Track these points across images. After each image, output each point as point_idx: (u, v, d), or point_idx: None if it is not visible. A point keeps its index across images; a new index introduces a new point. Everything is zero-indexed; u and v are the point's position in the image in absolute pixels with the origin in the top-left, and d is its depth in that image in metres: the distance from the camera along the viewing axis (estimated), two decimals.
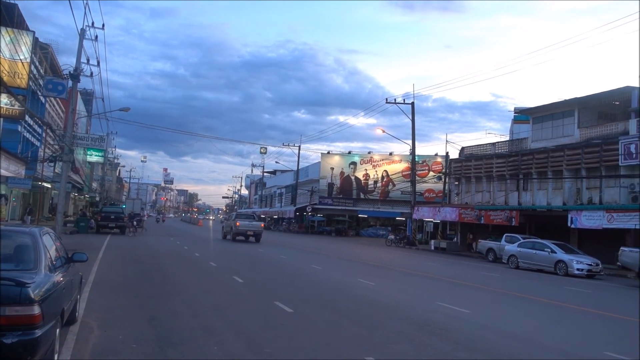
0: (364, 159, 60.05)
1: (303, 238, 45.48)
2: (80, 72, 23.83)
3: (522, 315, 10.56)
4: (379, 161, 59.19)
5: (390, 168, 57.91)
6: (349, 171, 60.15)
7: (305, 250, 28.42)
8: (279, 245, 31.05)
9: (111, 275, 12.98)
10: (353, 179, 59.97)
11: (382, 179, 58.53)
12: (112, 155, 67.73)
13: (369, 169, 59.18)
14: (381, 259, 24.66)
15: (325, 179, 60.66)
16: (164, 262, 16.94)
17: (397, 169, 56.38)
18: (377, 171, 58.94)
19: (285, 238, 43.58)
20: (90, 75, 27.72)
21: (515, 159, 32.77)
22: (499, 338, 7.93)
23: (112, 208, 39.78)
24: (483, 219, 31.73)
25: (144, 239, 29.80)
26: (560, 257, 21.53)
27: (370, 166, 59.24)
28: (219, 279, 13.29)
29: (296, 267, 17.87)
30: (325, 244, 35.68)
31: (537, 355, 7.04)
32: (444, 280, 16.46)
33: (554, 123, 31.80)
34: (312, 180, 63.58)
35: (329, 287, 12.83)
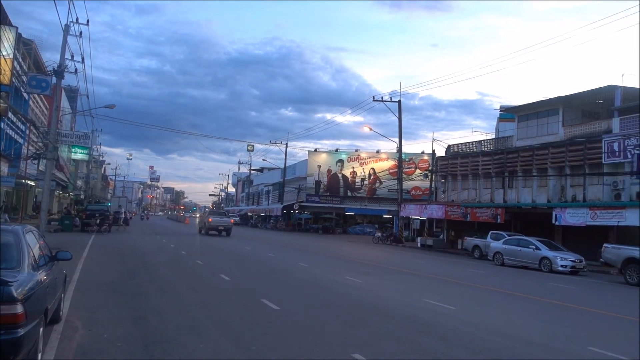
0: (351, 157, 60.15)
1: (290, 236, 45.45)
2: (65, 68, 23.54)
3: (507, 312, 10.66)
4: (366, 159, 59.31)
5: (377, 166, 58.06)
6: (336, 169, 60.21)
7: (292, 247, 28.40)
8: (266, 243, 31.00)
9: (96, 273, 12.85)
10: (340, 176, 60.03)
11: (369, 176, 58.66)
12: (97, 152, 67.05)
13: (356, 167, 59.29)
14: (368, 256, 24.72)
15: (313, 177, 60.63)
16: (150, 260, 16.81)
17: (384, 166, 56.55)
18: (364, 169, 59.06)
19: (273, 236, 43.51)
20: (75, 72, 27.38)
21: (500, 157, 33.03)
22: (485, 334, 7.99)
23: (97, 206, 39.42)
24: (469, 216, 31.95)
25: (130, 237, 29.56)
26: (544, 253, 21.75)
27: (358, 164, 59.35)
28: (206, 277, 13.23)
29: (283, 264, 17.84)
30: (312, 242, 35.67)
31: (522, 350, 7.12)
32: (430, 277, 16.55)
33: (539, 121, 32.10)
34: (299, 178, 63.53)
35: (315, 285, 12.83)
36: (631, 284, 17.86)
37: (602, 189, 26.60)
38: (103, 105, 32.71)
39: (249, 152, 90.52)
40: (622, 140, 25.16)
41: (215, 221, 35.91)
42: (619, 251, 19.16)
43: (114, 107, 31.68)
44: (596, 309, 11.80)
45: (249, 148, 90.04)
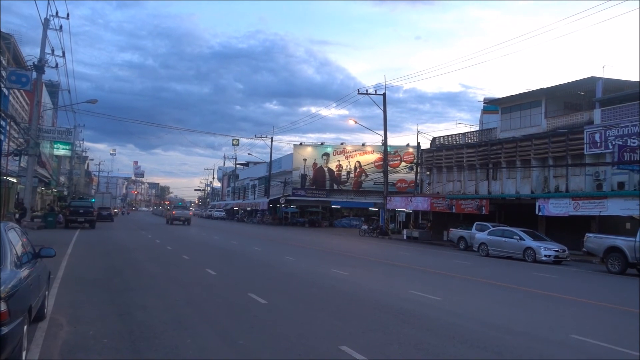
0: (336, 150, 60.22)
1: (276, 230, 45.44)
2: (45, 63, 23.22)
3: (491, 302, 10.79)
4: (352, 152, 59.43)
5: (362, 159, 58.21)
6: (322, 162, 60.24)
7: (279, 241, 28.40)
8: (252, 237, 30.96)
9: (80, 270, 12.74)
10: (326, 170, 60.09)
11: (354, 169, 58.80)
12: (80, 148, 66.23)
13: (342, 160, 59.39)
14: (354, 249, 24.83)
15: (298, 170, 60.63)
16: (135, 256, 16.72)
17: (369, 159, 56.72)
18: (349, 162, 59.18)
19: (259, 230, 43.47)
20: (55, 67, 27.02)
21: (484, 148, 33.29)
22: (470, 324, 8.09)
23: (81, 202, 39.02)
24: (454, 208, 32.19)
25: (114, 234, 29.33)
26: (528, 244, 22.02)
27: (343, 157, 59.44)
28: (192, 272, 13.19)
29: (269, 258, 17.85)
30: (298, 235, 35.71)
31: (506, 339, 7.22)
32: (416, 269, 16.68)
33: (522, 113, 32.40)
34: (285, 172, 63.48)
35: (302, 278, 12.87)
36: (613, 273, 18.19)
37: (584, 180, 26.97)
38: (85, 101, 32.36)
39: (234, 146, 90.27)
40: (603, 131, 25.51)
41: (178, 214, 47.32)
42: (600, 240, 19.47)
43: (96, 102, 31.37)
44: (579, 297, 12.01)
45: (234, 142, 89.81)
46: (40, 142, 28.05)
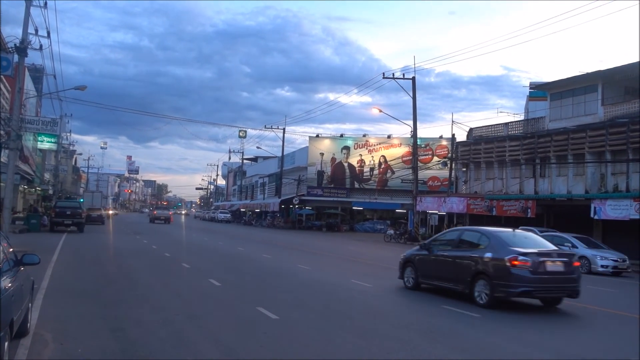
0: (358, 143, 60.15)
1: (289, 234, 45.59)
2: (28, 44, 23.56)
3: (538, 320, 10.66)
4: (376, 145, 59.30)
5: (388, 153, 58.04)
6: (341, 157, 60.22)
7: (292, 248, 28.48)
8: (262, 243, 31.11)
9: (68, 279, 12.93)
10: (346, 165, 60.06)
11: (379, 165, 58.67)
12: (66, 141, 67.09)
13: (364, 155, 59.31)
14: (379, 257, 24.80)
15: (314, 166, 60.68)
16: (129, 264, 16.92)
17: (396, 153, 56.53)
18: (373, 157, 59.08)
19: (269, 234, 43.65)
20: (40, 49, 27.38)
21: (530, 141, 32.98)
22: (511, 344, 8.01)
23: (68, 202, 39.51)
24: (495, 210, 31.96)
25: (106, 238, 29.71)
26: (582, 252, 21.77)
27: (366, 151, 59.36)
28: (193, 283, 13.30)
29: (281, 267, 17.92)
30: (314, 241, 35.79)
31: None
32: None
33: (575, 100, 32.01)
34: (299, 168, 63.58)
35: (319, 290, 12.90)
36: None
37: None
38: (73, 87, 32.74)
39: (241, 138, 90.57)
40: None
41: (159, 213, 63.18)
42: None
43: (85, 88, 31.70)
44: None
45: (241, 134, 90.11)
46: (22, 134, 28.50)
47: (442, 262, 12.55)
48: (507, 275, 10.80)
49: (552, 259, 11.27)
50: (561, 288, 11.36)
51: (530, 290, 10.95)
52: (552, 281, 11.14)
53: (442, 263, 12.57)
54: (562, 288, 11.37)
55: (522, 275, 10.74)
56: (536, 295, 11.43)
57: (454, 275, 12.04)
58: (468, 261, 11.73)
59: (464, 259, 11.88)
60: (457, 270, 11.97)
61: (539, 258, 10.99)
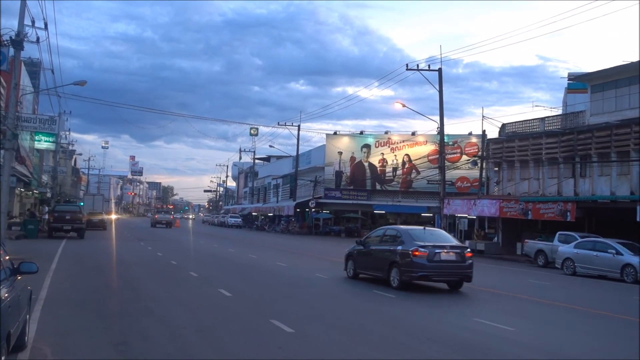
0: (379, 141, 60.06)
1: (305, 240, 45.64)
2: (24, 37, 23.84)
3: (578, 333, 10.58)
4: (399, 143, 59.15)
5: (412, 151, 57.85)
6: (362, 156, 60.16)
7: (308, 255, 28.54)
8: (276, 250, 31.19)
9: (68, 289, 13.09)
10: (366, 165, 59.99)
11: (402, 165, 58.52)
12: (65, 140, 67.80)
13: (387, 153, 59.17)
14: None
15: (332, 166, 60.69)
16: (133, 273, 17.06)
17: (421, 152, 56.31)
18: (396, 155, 58.94)
19: (284, 240, 43.73)
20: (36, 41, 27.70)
21: (569, 137, 32.68)
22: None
23: (67, 206, 39.96)
24: (530, 213, 31.72)
25: (107, 244, 29.97)
26: (627, 260, 21.51)
27: (388, 149, 59.23)
28: (202, 293, 13.37)
29: (297, 276, 17.95)
30: (333, 247, 35.75)
31: None
32: (482, 290, 16.50)
33: (618, 92, 31.66)
34: (315, 168, 63.65)
35: (338, 301, 12.94)
36: None
37: None
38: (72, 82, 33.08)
39: (252, 136, 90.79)
40: None
41: (160, 217, 66.44)
42: None
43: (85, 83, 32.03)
44: None
45: (252, 132, 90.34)
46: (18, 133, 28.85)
47: (371, 255, 16.53)
48: (410, 263, 14.68)
49: (446, 250, 14.98)
50: (454, 273, 15.26)
51: (427, 274, 14.85)
52: (445, 267, 15.00)
53: (371, 256, 16.56)
54: (455, 273, 15.27)
55: (421, 263, 14.57)
56: (432, 278, 15.26)
57: (378, 265, 15.96)
58: (387, 253, 15.67)
59: (385, 252, 15.84)
60: (380, 261, 15.89)
61: (435, 249, 14.74)
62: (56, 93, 43.91)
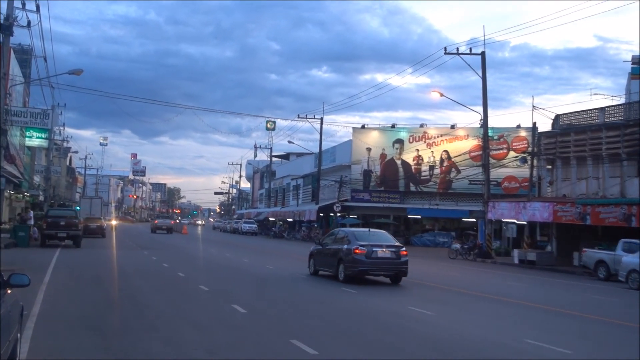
0: (414, 135, 59.84)
1: None
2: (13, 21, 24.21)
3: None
4: (436, 137, 58.91)
5: (452, 147, 57.59)
6: (393, 153, 60.01)
7: None
8: (297, 260, 31.15)
9: (63, 304, 13.24)
10: (399, 163, 59.84)
11: (440, 162, 58.26)
12: (59, 136, 68.55)
13: (422, 149, 58.95)
14: (442, 277, 24.62)
15: (360, 165, 60.63)
16: (136, 285, 17.23)
17: (462, 147, 56.02)
18: (433, 152, 58.71)
19: (305, 250, 43.58)
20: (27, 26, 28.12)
21: (634, 130, 32.29)
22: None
23: (62, 211, 40.37)
24: (589, 218, 31.35)
25: (107, 254, 30.26)
26: None
27: (424, 145, 59.01)
28: (213, 309, 13.43)
29: (321, 291, 17.97)
30: None
31: None
32: (533, 306, 16.38)
33: None
34: (340, 167, 63.63)
35: (368, 318, 12.91)
36: None
37: None
38: (67, 71, 33.50)
39: (269, 131, 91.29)
40: None
41: (160, 222, 68.91)
42: None
43: (81, 72, 32.41)
44: None
45: (269, 125, 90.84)
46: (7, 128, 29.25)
47: (326, 254, 21.28)
48: (352, 259, 19.16)
49: (382, 249, 19.37)
50: (389, 268, 19.74)
51: (366, 269, 19.33)
52: (382, 264, 19.51)
53: (325, 255, 21.30)
54: (390, 268, 19.74)
55: (361, 259, 19.03)
56: (371, 273, 19.73)
57: (330, 263, 20.69)
58: (336, 252, 20.25)
59: (335, 251, 20.45)
60: (331, 258, 20.60)
61: (372, 248, 19.18)
62: (49, 83, 44.52)
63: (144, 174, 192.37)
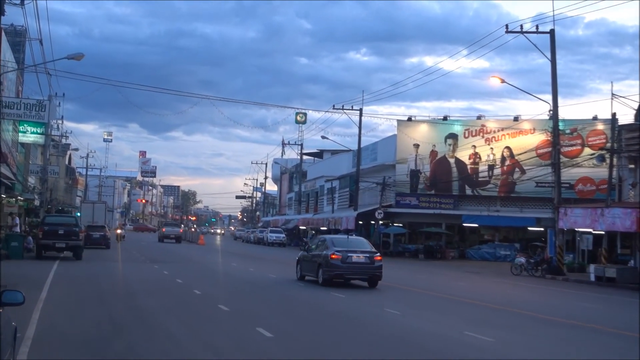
0: (470, 129, 59.42)
1: None
2: None
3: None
4: (497, 132, 58.44)
5: (515, 143, 57.09)
6: (445, 150, 59.67)
7: None
8: None
9: (62, 325, 13.39)
10: (452, 162, 59.50)
11: (502, 161, 57.78)
12: (58, 131, 69.30)
13: (480, 146, 58.53)
14: (502, 297, 24.52)
15: (406, 164, 60.36)
16: (144, 304, 17.37)
17: (526, 144, 55.46)
18: (493, 149, 58.25)
19: None
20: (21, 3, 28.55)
21: None
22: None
23: (60, 218, 40.87)
24: None
25: (111, 267, 30.59)
26: None
27: (482, 140, 58.58)
28: (234, 332, 13.49)
29: (360, 311, 17.95)
30: (406, 273, 35.61)
31: None
32: (615, 333, 16.18)
33: None
34: (383, 167, 63.40)
35: (415, 344, 12.95)
36: None
37: None
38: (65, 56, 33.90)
39: (299, 124, 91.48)
40: None
41: (168, 231, 72.66)
42: None
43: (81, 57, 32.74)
44: None
45: (299, 118, 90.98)
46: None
47: (309, 260, 26.11)
48: (329, 264, 23.72)
49: (357, 255, 23.89)
50: (364, 272, 24.30)
51: (341, 273, 23.95)
52: (357, 268, 24.06)
53: (309, 261, 26.11)
54: (365, 272, 24.29)
55: (336, 264, 23.59)
56: (346, 277, 24.35)
57: (312, 268, 25.36)
58: (317, 258, 24.99)
59: (316, 257, 25.13)
60: (313, 264, 25.31)
61: (348, 253, 23.68)
62: (45, 70, 45.09)
63: (154, 174, 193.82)
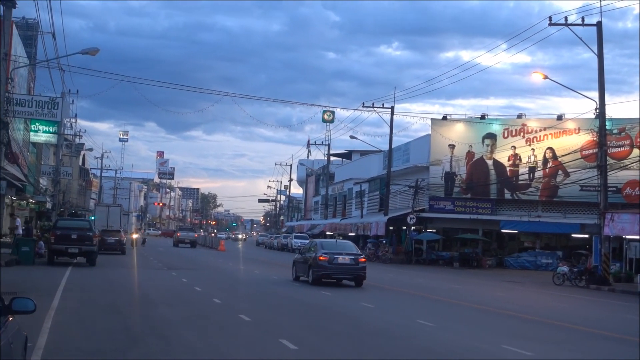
0: (509, 129, 59.14)
1: (402, 271, 45.42)
2: None
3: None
4: (538, 132, 58.10)
5: (558, 144, 56.72)
6: (483, 151, 59.45)
7: (406, 292, 28.70)
8: None
9: (75, 336, 13.49)
10: (490, 164, 59.27)
11: (544, 163, 57.44)
12: (71, 130, 69.77)
13: (520, 147, 58.25)
14: (545, 309, 24.28)
15: (440, 166, 60.23)
16: (162, 315, 17.43)
17: (571, 144, 55.08)
18: (534, 150, 57.93)
19: (371, 272, 43.30)
20: None
21: None
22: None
23: (73, 222, 41.11)
24: None
25: (126, 274, 30.77)
26: None
27: (522, 140, 58.29)
28: (256, 345, 13.53)
29: (390, 322, 17.89)
30: (441, 282, 35.53)
31: None
32: None
33: None
34: (416, 168, 63.28)
35: None
36: None
37: None
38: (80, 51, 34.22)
39: (326, 123, 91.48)
40: None
41: (183, 236, 77.96)
42: None
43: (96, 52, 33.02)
44: None
45: (326, 117, 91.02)
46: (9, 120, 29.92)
47: (302, 262, 29.79)
48: (317, 265, 27.60)
49: (342, 256, 27.88)
50: (349, 273, 28.40)
51: (328, 273, 27.97)
52: (342, 269, 28.15)
53: (302, 263, 29.77)
54: (350, 273, 28.41)
55: (324, 265, 27.53)
56: (332, 277, 28.32)
57: (304, 269, 29.14)
58: (308, 259, 28.66)
59: (308, 259, 28.76)
60: (305, 265, 29.04)
61: (334, 255, 27.67)
62: (59, 66, 45.44)
63: (172, 176, 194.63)
